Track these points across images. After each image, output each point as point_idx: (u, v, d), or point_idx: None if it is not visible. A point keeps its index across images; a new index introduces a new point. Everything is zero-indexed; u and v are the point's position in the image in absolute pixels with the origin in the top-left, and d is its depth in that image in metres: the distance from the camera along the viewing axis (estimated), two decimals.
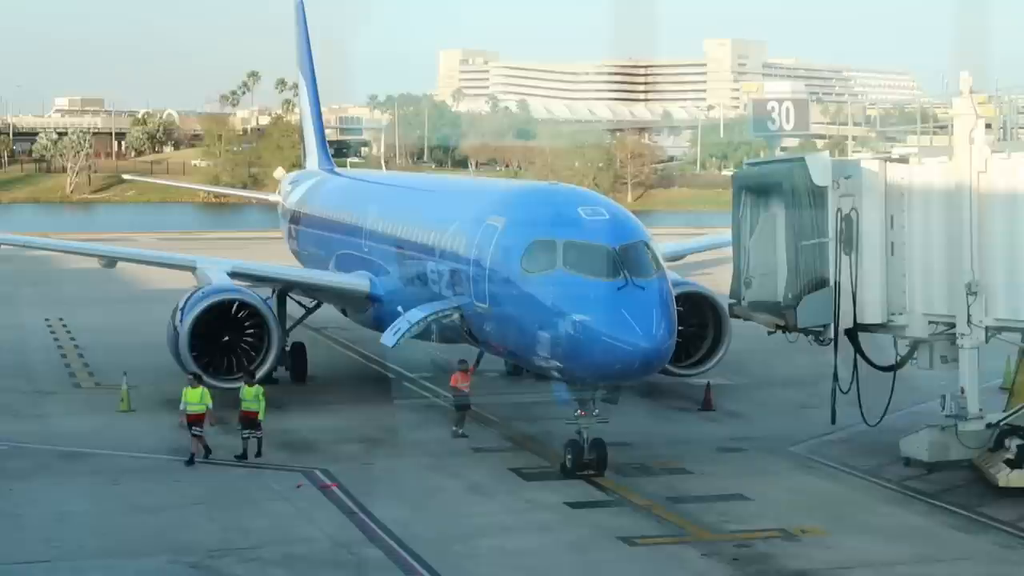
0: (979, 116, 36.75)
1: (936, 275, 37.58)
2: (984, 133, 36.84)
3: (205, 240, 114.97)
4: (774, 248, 40.29)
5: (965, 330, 36.69)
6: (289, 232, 69.60)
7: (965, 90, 37.00)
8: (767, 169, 42.90)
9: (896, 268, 38.45)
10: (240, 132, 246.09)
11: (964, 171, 36.65)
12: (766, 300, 40.35)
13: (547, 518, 33.91)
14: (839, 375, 38.93)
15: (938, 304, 37.66)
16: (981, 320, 36.50)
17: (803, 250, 38.93)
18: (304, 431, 43.33)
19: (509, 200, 42.62)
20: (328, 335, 62.19)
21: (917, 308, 38.16)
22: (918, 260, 38.00)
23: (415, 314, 42.62)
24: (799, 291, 38.89)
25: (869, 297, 38.54)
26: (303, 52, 79.46)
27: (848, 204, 38.53)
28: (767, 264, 40.46)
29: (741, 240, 41.64)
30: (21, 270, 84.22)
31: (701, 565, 30.36)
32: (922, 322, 38.23)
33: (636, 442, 41.32)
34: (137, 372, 48.99)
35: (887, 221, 38.56)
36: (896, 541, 32.11)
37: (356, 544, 31.68)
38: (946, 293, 37.29)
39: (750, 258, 41.20)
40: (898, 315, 38.56)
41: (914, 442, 38.70)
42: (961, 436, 37.32)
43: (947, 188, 37.23)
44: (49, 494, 35.98)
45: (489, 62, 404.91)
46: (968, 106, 36.84)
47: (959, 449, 37.61)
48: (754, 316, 41.18)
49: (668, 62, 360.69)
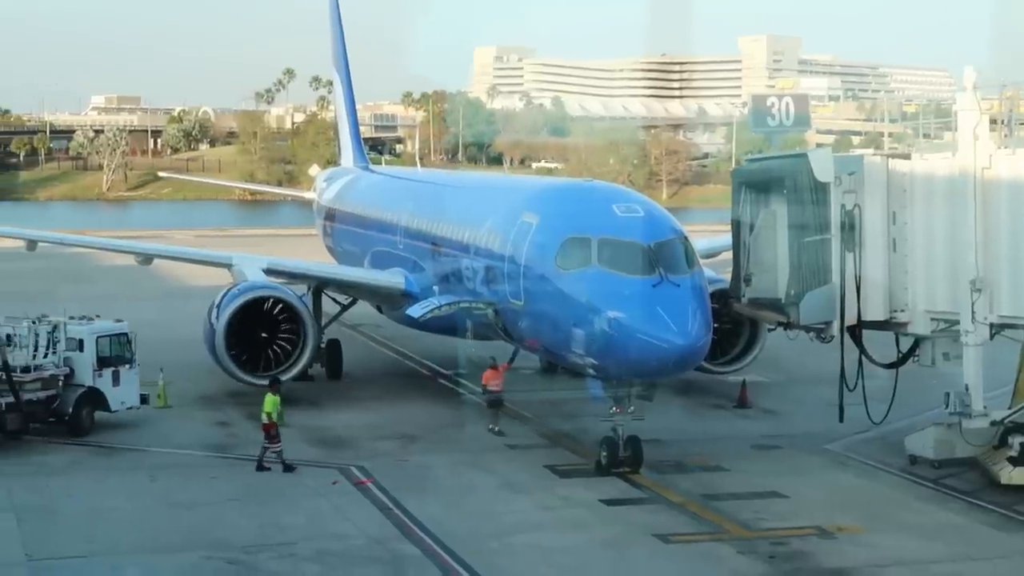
0: (983, 112, 36.57)
1: (939, 272, 37.35)
2: (988, 129, 36.65)
3: (241, 237, 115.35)
4: (775, 244, 40.06)
5: (969, 327, 36.42)
6: (324, 229, 69.78)
7: (969, 86, 36.81)
8: (768, 165, 42.78)
9: (898, 265, 38.23)
10: (275, 130, 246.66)
11: (968, 167, 36.42)
12: (767, 297, 40.17)
13: (582, 515, 33.91)
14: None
15: (941, 301, 37.45)
16: (985, 317, 36.26)
17: (805, 247, 38.75)
18: (339, 428, 43.43)
19: (543, 197, 42.64)
20: (363, 332, 62.30)
21: (920, 305, 37.96)
22: (921, 257, 37.78)
23: (448, 297, 43.54)
24: (801, 288, 38.73)
25: (871, 294, 38.31)
26: (338, 49, 79.64)
27: (851, 200, 38.30)
28: (768, 261, 40.25)
29: (741, 237, 41.44)
30: (58, 267, 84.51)
31: (737, 563, 30.29)
32: (925, 319, 38.03)
33: (671, 439, 41.28)
34: (173, 369, 49.16)
35: (889, 217, 38.34)
36: (933, 539, 32.00)
37: (391, 540, 31.75)
38: (949, 290, 37.05)
39: (750, 255, 40.99)
40: (900, 312, 38.36)
41: (920, 440, 38.57)
42: (966, 434, 37.15)
43: (951, 184, 36.98)
44: (86, 490, 36.18)
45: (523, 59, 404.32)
46: (972, 102, 36.66)
47: (964, 447, 37.46)
48: (755, 313, 41.04)
49: (703, 59, 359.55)
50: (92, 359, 42.53)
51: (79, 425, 42.21)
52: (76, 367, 42.39)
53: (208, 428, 44.14)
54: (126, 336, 43.77)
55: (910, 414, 41.64)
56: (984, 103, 36.71)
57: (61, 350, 42.41)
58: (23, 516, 33.52)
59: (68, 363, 42.38)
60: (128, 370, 43.43)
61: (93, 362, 42.54)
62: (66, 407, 42.05)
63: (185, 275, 74.63)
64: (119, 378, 43.05)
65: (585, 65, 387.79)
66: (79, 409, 42.23)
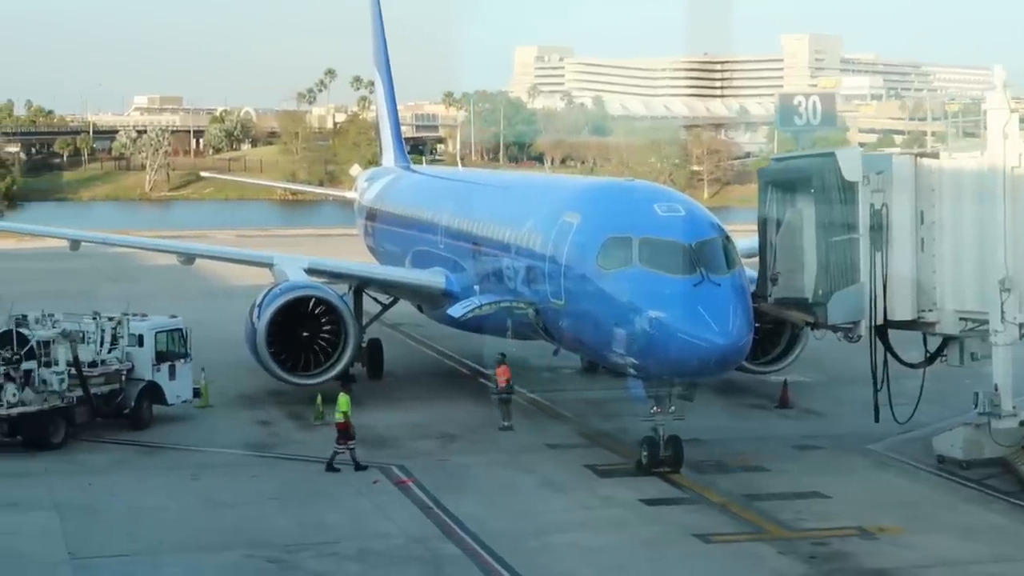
0: (1013, 110, 36.35)
1: (968, 271, 37.11)
2: (1018, 127, 36.41)
3: (282, 237, 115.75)
4: (801, 244, 39.81)
5: (998, 327, 36.21)
6: (365, 229, 69.91)
7: (999, 84, 36.59)
8: (795, 164, 42.58)
9: (927, 264, 37.99)
10: (317, 130, 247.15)
11: (997, 166, 36.20)
12: (794, 296, 39.94)
13: (622, 515, 33.89)
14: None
15: (970, 300, 37.20)
16: (1015, 317, 36.04)
17: (833, 246, 38.54)
18: (380, 427, 43.51)
19: (584, 197, 42.61)
20: (404, 331, 62.38)
21: (948, 305, 37.71)
22: (949, 256, 37.54)
23: (488, 297, 43.67)
24: (829, 287, 38.53)
25: (899, 293, 38.05)
26: (379, 50, 79.78)
27: (879, 199, 38.06)
28: (794, 260, 40.01)
29: (768, 236, 41.28)
30: (101, 267, 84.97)
31: (777, 563, 30.21)
32: (953, 319, 37.78)
33: (712, 439, 41.19)
34: (215, 368, 49.35)
35: (918, 216, 38.08)
36: (975, 540, 31.82)
37: (432, 539, 31.82)
38: (978, 289, 36.81)
39: (777, 254, 40.81)
40: (928, 312, 38.12)
41: (948, 440, 38.36)
42: (995, 434, 36.91)
43: (980, 183, 36.76)
44: (128, 489, 36.40)
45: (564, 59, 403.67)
46: (1001, 100, 36.44)
47: (993, 447, 37.24)
48: (782, 312, 40.83)
49: (744, 58, 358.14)
50: (151, 354, 43.72)
51: (140, 418, 43.42)
52: (136, 362, 43.51)
53: (249, 427, 44.32)
54: (181, 332, 44.99)
55: (952, 415, 41.38)
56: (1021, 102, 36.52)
57: (123, 345, 43.56)
58: (66, 515, 33.75)
59: (128, 358, 43.51)
60: (183, 364, 44.78)
61: (152, 357, 43.72)
62: (129, 401, 43.26)
63: (227, 275, 74.92)
64: (175, 372, 44.33)
65: (626, 64, 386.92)
66: (140, 403, 43.49)
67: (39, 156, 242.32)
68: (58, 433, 40.79)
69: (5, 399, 39.95)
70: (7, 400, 39.94)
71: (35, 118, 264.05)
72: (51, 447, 40.33)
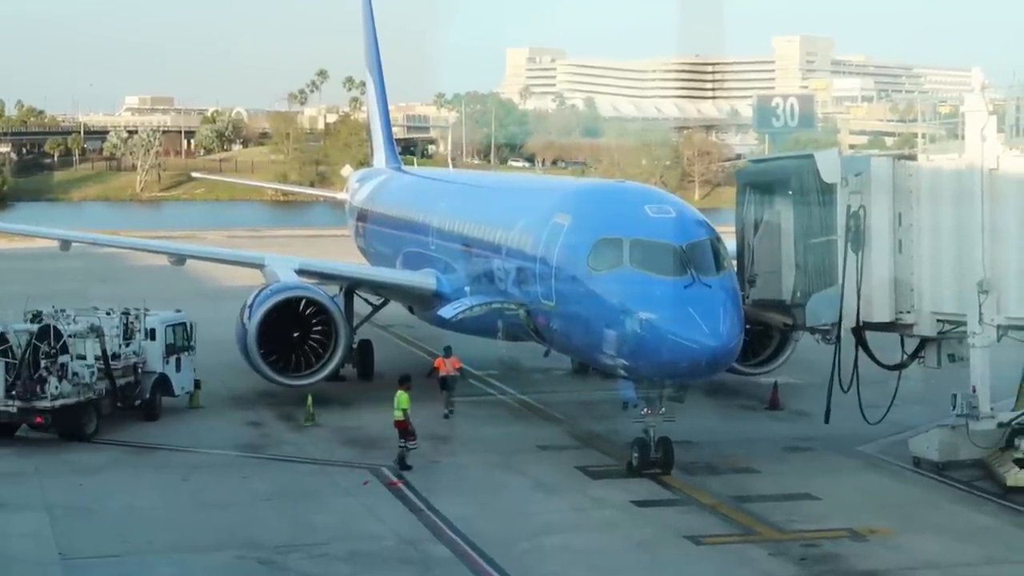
0: (991, 113, 36.42)
1: (946, 273, 37.15)
2: (996, 129, 36.49)
3: (273, 237, 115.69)
4: (779, 246, 39.85)
5: (976, 329, 36.29)
6: (356, 230, 69.90)
7: (977, 86, 36.66)
8: (773, 166, 42.61)
9: (904, 266, 38.01)
10: (308, 130, 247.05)
11: (975, 168, 36.27)
12: (772, 298, 39.99)
13: (613, 516, 33.91)
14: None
15: (948, 302, 37.26)
16: (992, 319, 36.11)
17: (811, 248, 38.57)
18: (371, 428, 43.45)
19: (575, 198, 42.62)
20: (394, 332, 62.36)
21: (926, 307, 37.76)
22: (927, 258, 37.55)
23: (479, 298, 43.92)
24: (807, 289, 38.57)
25: (877, 295, 38.08)
26: (371, 50, 79.76)
27: (857, 201, 38.02)
28: (772, 262, 40.03)
29: (746, 238, 41.29)
30: (91, 267, 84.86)
31: (768, 565, 30.25)
32: (931, 320, 37.84)
33: (703, 441, 41.21)
34: (206, 369, 49.26)
35: (896, 218, 38.10)
36: (965, 541, 31.86)
37: (422, 541, 31.80)
38: (956, 291, 36.88)
39: (755, 256, 40.81)
40: (906, 313, 38.15)
41: (924, 441, 38.44)
42: (972, 435, 36.99)
43: (958, 185, 36.80)
44: (119, 489, 36.36)
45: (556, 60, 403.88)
46: (979, 102, 36.51)
47: (969, 448, 37.31)
48: (760, 314, 40.84)
49: (736, 59, 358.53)
50: (162, 347, 44.96)
51: (154, 409, 44.63)
52: (148, 355, 44.80)
53: (240, 428, 44.31)
54: (185, 325, 46.48)
55: (940, 416, 41.37)
56: (1012, 102, 36.56)
57: (139, 339, 44.68)
58: (56, 515, 33.72)
59: (142, 351, 44.74)
60: (187, 357, 46.15)
61: (163, 350, 45.00)
62: (144, 392, 44.40)
63: (218, 275, 74.83)
64: (180, 364, 45.76)
65: (618, 66, 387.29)
66: (154, 394, 44.71)
67: (30, 156, 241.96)
68: (91, 424, 41.86)
69: (48, 392, 40.62)
70: (50, 393, 40.62)
71: (26, 118, 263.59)
72: (84, 439, 41.26)
